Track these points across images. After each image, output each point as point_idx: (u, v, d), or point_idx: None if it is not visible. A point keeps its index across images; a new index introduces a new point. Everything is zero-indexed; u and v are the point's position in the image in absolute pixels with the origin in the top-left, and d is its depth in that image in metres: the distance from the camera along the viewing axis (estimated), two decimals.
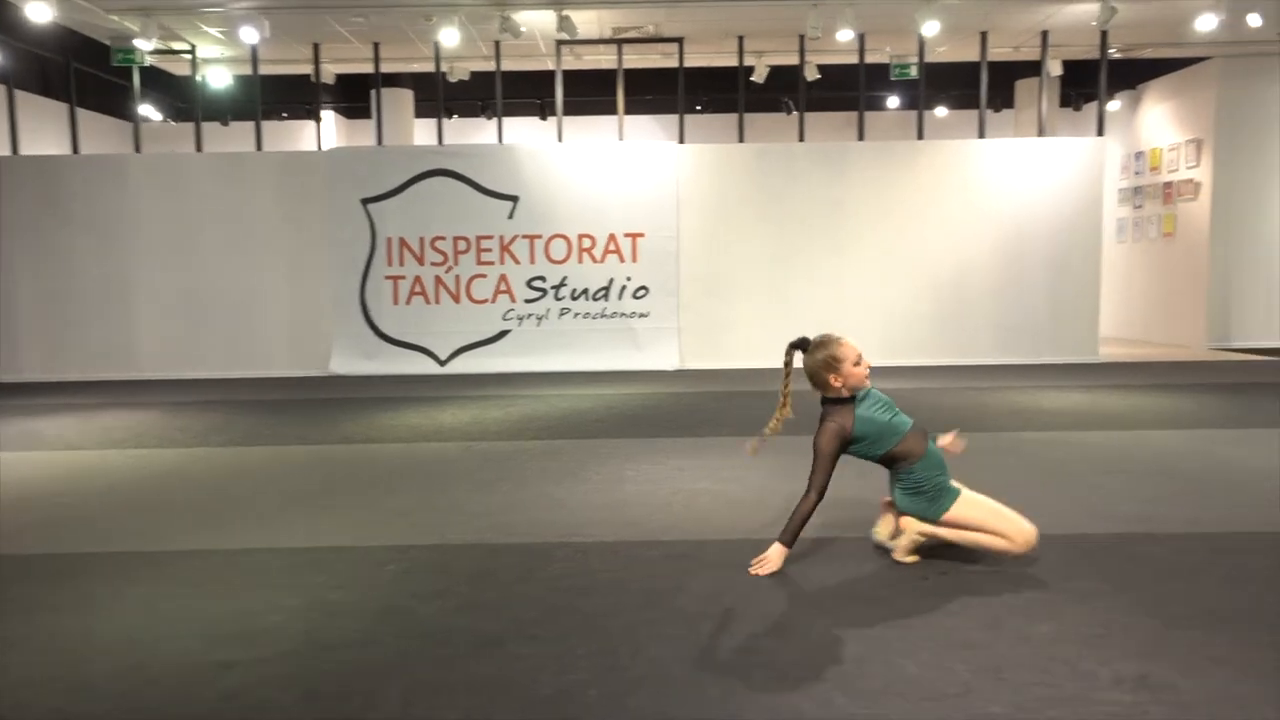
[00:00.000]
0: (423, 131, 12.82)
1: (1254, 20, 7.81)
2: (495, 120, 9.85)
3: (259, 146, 9.40)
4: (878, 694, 2.09)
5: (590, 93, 11.52)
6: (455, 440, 5.47)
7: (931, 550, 3.07)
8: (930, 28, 7.86)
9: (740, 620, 2.54)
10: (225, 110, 11.89)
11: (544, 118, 12.54)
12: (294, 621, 2.55)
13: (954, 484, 3.05)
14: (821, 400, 3.09)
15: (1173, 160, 11.27)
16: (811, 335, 3.12)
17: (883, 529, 3.19)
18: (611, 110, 9.90)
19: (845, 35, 8.10)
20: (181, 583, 2.94)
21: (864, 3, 7.80)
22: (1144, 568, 2.95)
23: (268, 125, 12.71)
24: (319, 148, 9.60)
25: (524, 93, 12.34)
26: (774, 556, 2.96)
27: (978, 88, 9.65)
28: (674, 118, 11.75)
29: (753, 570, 2.94)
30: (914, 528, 3.04)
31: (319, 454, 5.14)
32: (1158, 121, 11.61)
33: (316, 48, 9.23)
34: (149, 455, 5.14)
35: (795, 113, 12.26)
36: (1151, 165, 11.73)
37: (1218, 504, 3.75)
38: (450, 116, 12.62)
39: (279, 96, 12.01)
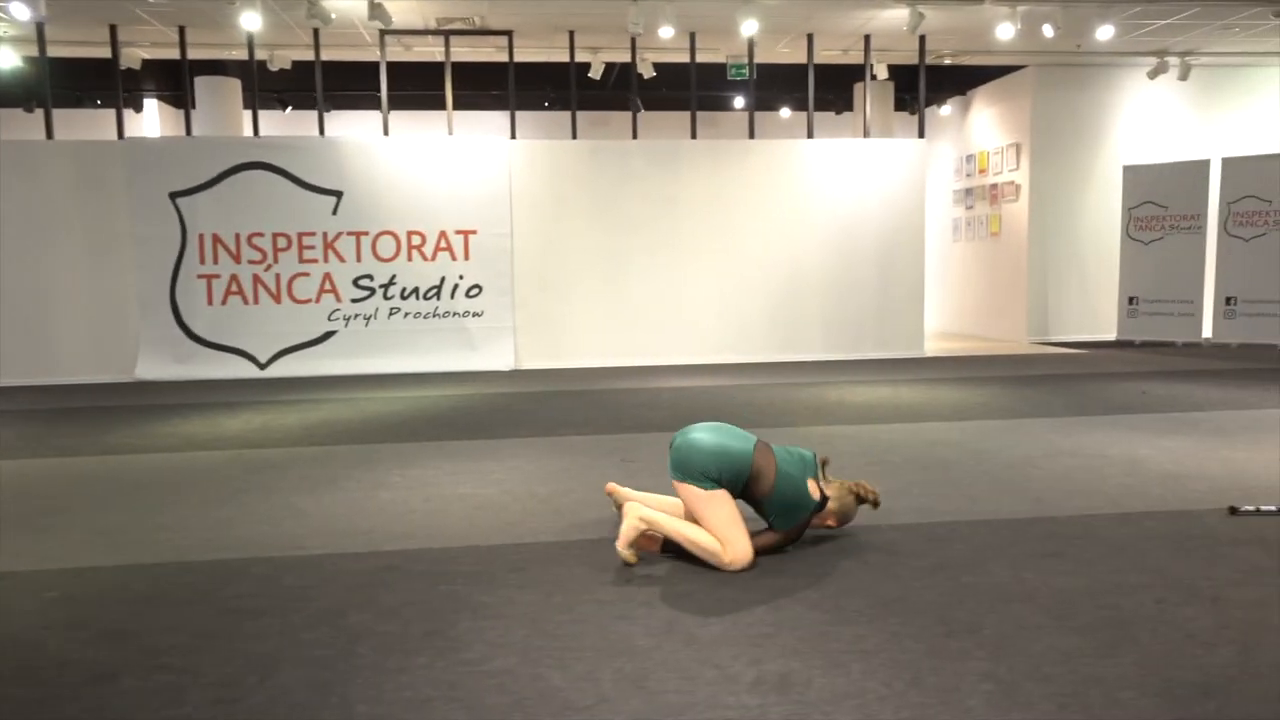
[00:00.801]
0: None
1: (1048, 30, 8.23)
2: (336, 112, 9.39)
3: (49, 134, 8.66)
4: (506, 709, 1.97)
5: (439, 87, 11.15)
6: (230, 449, 5.13)
7: (654, 556, 3.00)
8: (749, 26, 7.94)
9: (407, 636, 2.39)
10: (26, 95, 10.93)
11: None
12: None
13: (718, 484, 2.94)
14: (816, 503, 3.04)
15: (997, 163, 11.83)
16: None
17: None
18: (461, 105, 9.58)
19: (667, 32, 8.10)
20: None
21: (684, 0, 7.81)
22: (849, 560, 2.96)
23: (84, 113, 11.83)
24: (120, 137, 8.93)
25: (370, 85, 11.86)
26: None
27: (817, 90, 9.84)
28: (527, 114, 11.59)
29: None
30: (635, 514, 2.94)
31: (65, 467, 4.71)
32: (984, 126, 12.17)
33: (113, 29, 8.57)
34: None
35: (642, 110, 12.30)
36: (980, 168, 12.28)
37: (954, 493, 3.85)
38: (285, 109, 12.03)
39: (89, 82, 11.15)
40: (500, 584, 2.80)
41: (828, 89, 12.09)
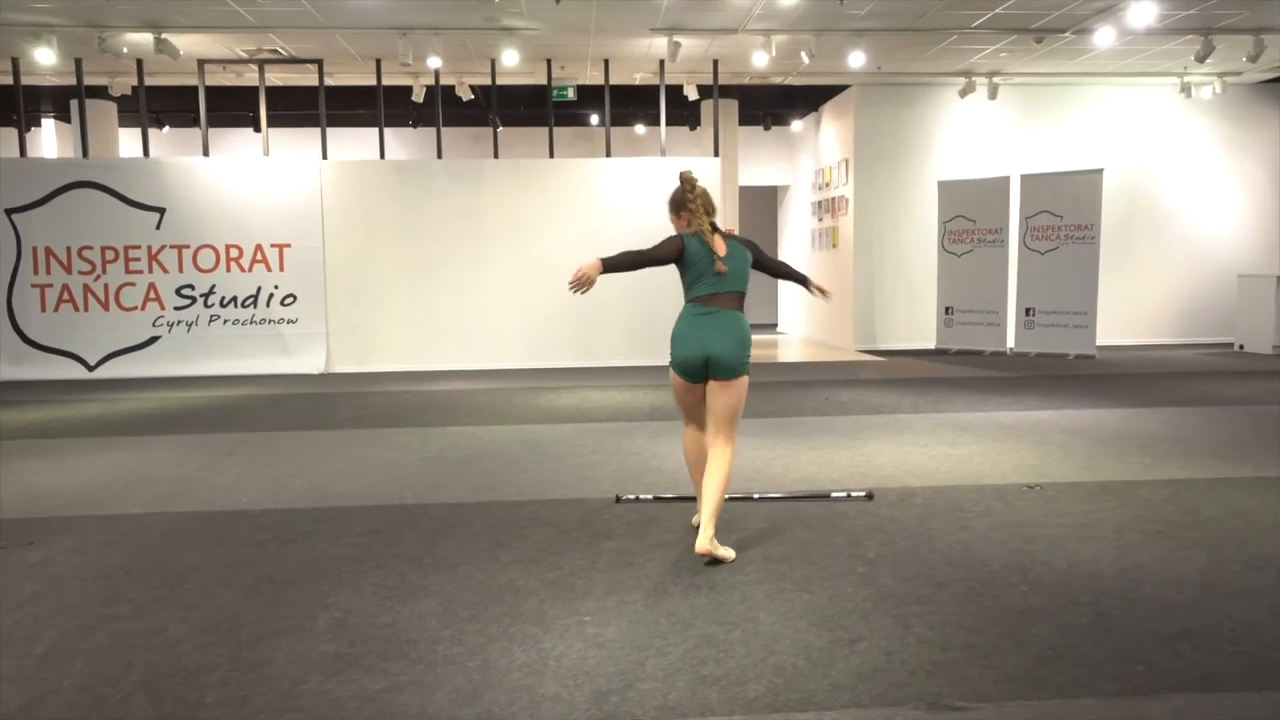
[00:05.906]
0: (133, 142, 13.05)
1: (804, 57, 8.72)
2: (227, 130, 10.17)
3: None
4: None
5: (295, 107, 11.91)
6: None
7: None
8: (510, 56, 8.56)
9: None
10: None
11: (257, 129, 12.90)
12: None
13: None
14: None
15: (835, 178, 12.28)
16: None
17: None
18: (335, 123, 10.16)
19: (435, 62, 8.75)
20: None
21: (449, 34, 8.46)
22: (261, 535, 3.58)
23: None
24: None
25: (237, 106, 12.68)
26: (589, 269, 3.27)
27: (670, 108, 10.44)
28: (398, 131, 12.31)
29: (571, 281, 3.26)
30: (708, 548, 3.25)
31: None
32: (828, 142, 12.62)
33: None
34: None
35: (501, 127, 12.96)
36: (825, 181, 12.73)
37: (483, 481, 4.43)
38: (163, 128, 12.91)
39: None
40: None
41: (682, 106, 12.66)
